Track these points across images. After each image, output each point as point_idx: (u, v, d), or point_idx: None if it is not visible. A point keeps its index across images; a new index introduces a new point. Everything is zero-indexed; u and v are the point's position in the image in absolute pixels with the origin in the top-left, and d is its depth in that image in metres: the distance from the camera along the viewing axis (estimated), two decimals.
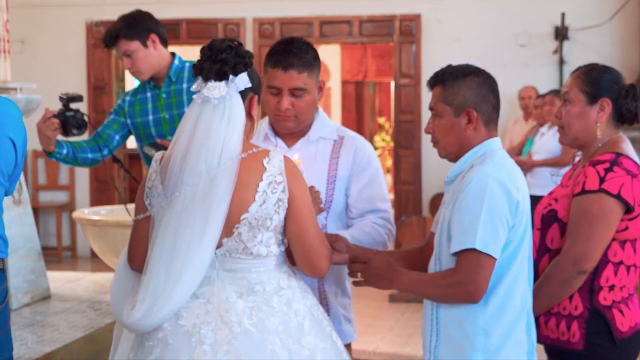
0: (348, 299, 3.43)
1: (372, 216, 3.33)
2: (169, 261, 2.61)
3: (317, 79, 3.28)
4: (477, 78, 2.90)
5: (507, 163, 2.85)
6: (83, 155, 4.44)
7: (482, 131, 2.91)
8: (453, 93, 2.89)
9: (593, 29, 9.65)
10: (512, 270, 2.81)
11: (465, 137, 2.89)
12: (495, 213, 2.73)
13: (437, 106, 2.93)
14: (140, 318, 2.62)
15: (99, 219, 5.64)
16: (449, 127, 2.90)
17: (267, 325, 2.64)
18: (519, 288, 2.82)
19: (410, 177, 10.05)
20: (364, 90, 17.84)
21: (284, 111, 3.22)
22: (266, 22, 10.27)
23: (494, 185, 2.74)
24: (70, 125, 4.24)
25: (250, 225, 2.66)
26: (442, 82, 2.91)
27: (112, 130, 4.55)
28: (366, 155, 3.37)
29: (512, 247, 2.80)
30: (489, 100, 2.90)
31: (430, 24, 10.03)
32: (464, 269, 2.74)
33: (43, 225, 10.32)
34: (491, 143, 2.90)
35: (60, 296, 4.82)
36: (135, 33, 4.37)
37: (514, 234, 2.79)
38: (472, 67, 2.93)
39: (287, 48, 3.21)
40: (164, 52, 4.49)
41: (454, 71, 2.91)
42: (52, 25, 10.43)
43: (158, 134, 4.48)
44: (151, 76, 4.48)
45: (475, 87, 2.89)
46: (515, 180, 2.80)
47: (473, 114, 2.87)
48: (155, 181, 2.73)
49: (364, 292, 8.20)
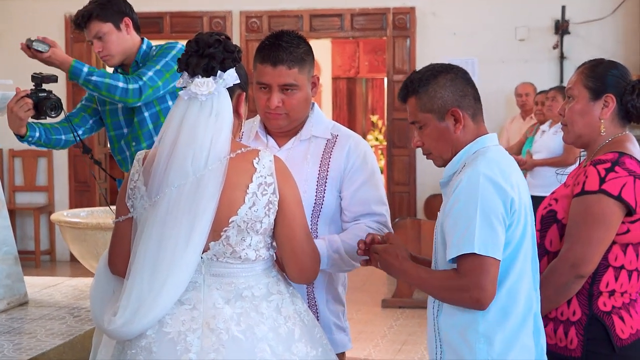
0: (341, 306, 3.36)
1: (367, 220, 3.24)
2: (153, 265, 2.57)
3: (309, 74, 3.22)
4: (447, 75, 2.83)
5: (501, 159, 2.77)
6: (57, 137, 4.39)
7: (471, 127, 2.83)
8: (430, 99, 2.82)
9: (594, 22, 9.64)
10: (513, 272, 2.72)
11: (456, 138, 2.83)
12: (491, 212, 2.65)
13: (417, 117, 2.86)
14: (123, 325, 2.57)
15: (79, 222, 5.64)
16: (437, 134, 2.84)
17: (256, 332, 2.61)
18: (522, 291, 2.74)
19: (404, 177, 10.06)
20: (356, 87, 18.01)
21: (273, 109, 3.16)
22: (254, 16, 10.22)
23: (486, 184, 2.67)
24: (44, 106, 4.16)
25: (239, 229, 2.63)
26: (414, 91, 2.85)
27: (86, 113, 4.57)
28: (361, 155, 3.28)
29: (512, 247, 2.71)
30: (468, 93, 2.84)
31: (425, 18, 10.00)
32: (467, 275, 2.65)
33: (20, 228, 10.33)
34: (484, 140, 2.83)
35: (38, 302, 4.73)
36: (108, 15, 4.35)
37: (512, 233, 2.70)
38: (438, 66, 2.87)
39: (276, 42, 3.16)
40: (136, 38, 4.47)
41: (422, 76, 2.85)
42: (29, 18, 10.34)
43: (126, 122, 4.49)
44: (121, 62, 4.46)
45: (450, 85, 2.82)
46: (509, 177, 2.71)
47: (458, 113, 2.81)
48: (138, 182, 2.69)
49: (357, 297, 8.36)
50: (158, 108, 4.38)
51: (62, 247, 10.06)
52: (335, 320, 3.31)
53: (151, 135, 4.38)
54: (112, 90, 4.16)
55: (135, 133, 4.41)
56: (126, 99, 4.20)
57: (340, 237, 3.17)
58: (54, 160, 10.28)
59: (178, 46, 4.38)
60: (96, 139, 9.80)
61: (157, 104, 4.37)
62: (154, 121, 4.38)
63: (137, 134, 4.41)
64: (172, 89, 4.33)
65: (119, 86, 4.17)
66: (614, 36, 9.61)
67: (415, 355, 6.69)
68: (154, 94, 4.26)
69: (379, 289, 8.97)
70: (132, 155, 4.43)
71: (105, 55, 4.40)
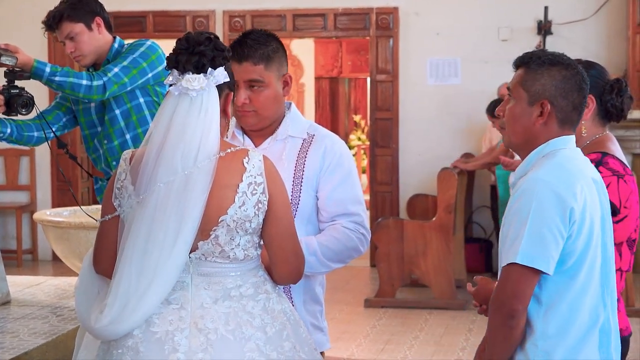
0: (319, 306, 3.36)
1: (343, 220, 3.24)
2: (141, 264, 2.56)
3: (278, 72, 3.22)
4: (564, 71, 2.69)
5: (567, 164, 2.65)
6: (29, 134, 4.38)
7: (553, 129, 2.70)
8: (533, 79, 2.70)
9: (577, 23, 9.61)
10: (574, 286, 2.62)
11: (532, 130, 2.71)
12: (543, 222, 2.54)
13: (514, 89, 2.75)
14: (109, 323, 2.56)
15: (62, 221, 5.58)
16: (518, 114, 2.72)
17: (245, 331, 2.61)
18: (586, 304, 2.64)
19: (387, 177, 9.98)
20: (339, 87, 18.00)
21: (240, 105, 3.18)
22: (237, 15, 10.17)
23: (544, 191, 2.57)
24: (16, 103, 4.18)
25: (228, 228, 2.63)
26: (526, 64, 2.73)
27: (60, 111, 4.55)
28: (337, 155, 3.28)
29: (573, 259, 2.61)
30: (570, 98, 2.69)
31: (408, 18, 9.95)
32: (500, 286, 2.60)
33: (2, 227, 10.29)
34: (558, 142, 2.70)
35: (21, 301, 4.67)
36: (79, 15, 4.35)
37: (572, 245, 2.60)
38: (564, 58, 2.73)
39: (244, 40, 3.20)
40: (108, 37, 4.47)
41: (543, 56, 2.73)
42: (10, 17, 10.24)
43: (99, 121, 4.47)
44: (94, 61, 4.45)
45: (560, 80, 2.68)
46: (572, 184, 2.59)
47: (547, 107, 2.68)
48: (125, 181, 2.67)
49: (338, 297, 8.35)
50: (129, 105, 4.38)
51: (44, 246, 9.97)
52: (313, 320, 3.31)
53: (123, 133, 4.38)
54: (75, 88, 4.16)
55: (107, 131, 4.40)
56: (90, 96, 4.19)
57: (317, 239, 3.18)
58: (36, 159, 10.20)
59: (147, 43, 4.39)
60: (78, 138, 9.73)
61: (128, 101, 4.37)
62: (125, 118, 4.37)
63: (108, 131, 4.40)
64: (142, 84, 4.34)
65: (82, 84, 4.16)
66: (596, 37, 9.60)
67: (397, 354, 6.68)
68: (120, 89, 4.25)
69: (361, 289, 8.95)
70: (105, 154, 4.43)
71: (78, 55, 4.39)
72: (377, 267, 8.35)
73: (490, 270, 9.46)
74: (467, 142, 9.79)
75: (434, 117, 9.81)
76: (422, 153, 9.72)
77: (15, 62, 4.09)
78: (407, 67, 9.88)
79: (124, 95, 4.34)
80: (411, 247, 8.04)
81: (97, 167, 4.55)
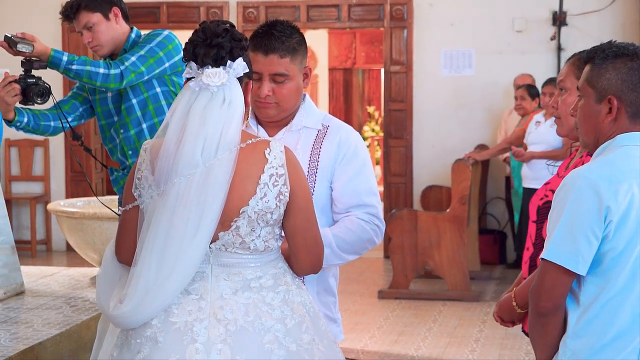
0: (333, 297, 3.36)
1: (358, 211, 3.24)
2: (161, 254, 2.56)
3: (301, 65, 3.21)
4: (630, 62, 2.56)
5: (621, 162, 2.53)
6: (45, 123, 4.42)
7: (624, 125, 2.58)
8: (598, 75, 2.59)
9: (592, 14, 9.58)
10: (611, 289, 2.51)
11: (602, 128, 2.60)
12: (575, 220, 2.46)
13: (583, 87, 2.64)
14: (128, 312, 2.57)
15: (75, 211, 5.66)
16: (587, 113, 2.62)
17: (264, 323, 2.60)
18: (625, 307, 2.52)
19: (401, 168, 9.96)
20: (353, 78, 17.93)
21: (263, 98, 3.15)
22: (250, 6, 10.15)
23: (583, 187, 2.48)
24: (32, 92, 4.21)
25: (249, 219, 2.61)
26: (591, 60, 2.62)
27: (77, 101, 4.57)
28: (352, 146, 3.28)
29: (608, 260, 2.50)
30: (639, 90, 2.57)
31: (422, 9, 9.92)
32: (535, 281, 2.55)
33: (16, 217, 10.22)
34: (623, 138, 2.57)
35: (35, 292, 4.73)
36: (97, 5, 4.36)
37: (609, 245, 2.49)
38: (630, 49, 2.60)
39: (269, 31, 3.15)
40: (125, 27, 4.48)
41: (607, 49, 2.61)
42: (24, 7, 10.21)
43: (116, 110, 4.48)
44: (111, 51, 4.46)
45: (626, 72, 2.56)
46: (618, 183, 2.47)
47: (614, 103, 2.57)
48: (145, 171, 2.66)
49: (352, 288, 8.35)
50: (146, 95, 4.38)
51: (58, 236, 9.99)
52: (327, 311, 3.29)
53: (139, 122, 4.39)
54: (92, 76, 4.17)
55: (124, 120, 4.41)
56: (107, 84, 4.20)
57: (331, 231, 3.18)
58: (50, 149, 10.21)
59: (164, 33, 4.39)
60: (92, 129, 9.75)
61: (145, 91, 4.38)
62: (142, 108, 4.38)
63: (125, 121, 4.40)
64: (160, 74, 4.34)
65: (99, 72, 4.17)
66: (611, 28, 9.55)
67: (411, 346, 6.67)
68: (137, 79, 4.26)
69: (375, 280, 8.95)
70: (121, 143, 4.44)
71: (95, 45, 4.40)
72: (390, 258, 8.34)
73: (504, 262, 9.45)
74: (481, 134, 9.77)
75: (448, 109, 9.79)
76: (436, 144, 9.70)
77: (32, 50, 4.10)
78: (421, 58, 9.86)
79: (140, 84, 4.34)
80: (425, 239, 8.03)
81: (113, 157, 4.55)
